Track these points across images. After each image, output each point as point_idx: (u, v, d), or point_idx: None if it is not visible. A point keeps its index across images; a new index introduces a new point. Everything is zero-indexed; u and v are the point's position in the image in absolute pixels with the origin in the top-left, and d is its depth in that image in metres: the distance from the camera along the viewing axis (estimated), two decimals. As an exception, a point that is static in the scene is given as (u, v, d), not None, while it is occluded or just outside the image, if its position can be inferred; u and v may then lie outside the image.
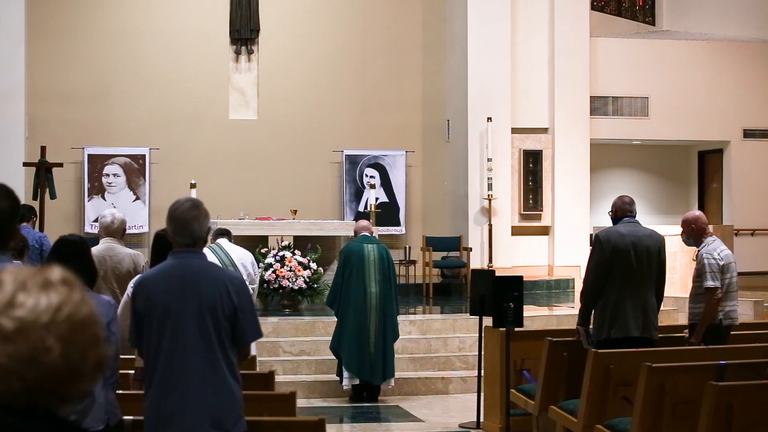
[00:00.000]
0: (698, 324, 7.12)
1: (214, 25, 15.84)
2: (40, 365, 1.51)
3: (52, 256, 4.63)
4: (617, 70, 16.43)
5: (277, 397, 5.29)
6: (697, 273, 7.27)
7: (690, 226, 7.42)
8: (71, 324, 1.55)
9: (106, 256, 6.91)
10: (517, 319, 7.76)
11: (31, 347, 1.51)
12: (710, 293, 7.11)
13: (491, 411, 8.15)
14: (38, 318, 1.53)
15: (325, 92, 16.05)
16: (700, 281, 7.23)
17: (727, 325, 7.25)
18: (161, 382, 4.16)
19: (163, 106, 15.67)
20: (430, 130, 16.20)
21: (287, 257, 11.59)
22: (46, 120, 15.09)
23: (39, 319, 1.53)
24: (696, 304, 7.25)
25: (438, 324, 11.23)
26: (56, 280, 1.58)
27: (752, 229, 16.96)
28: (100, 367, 1.59)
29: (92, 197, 15.21)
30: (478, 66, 15.09)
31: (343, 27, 16.20)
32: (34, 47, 14.76)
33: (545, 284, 14.94)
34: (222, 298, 4.16)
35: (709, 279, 7.13)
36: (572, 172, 15.62)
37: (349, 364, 9.29)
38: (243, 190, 15.37)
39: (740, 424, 5.00)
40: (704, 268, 7.17)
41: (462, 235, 15.13)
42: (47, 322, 1.53)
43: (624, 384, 6.14)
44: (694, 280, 7.35)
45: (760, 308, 12.54)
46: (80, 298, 1.58)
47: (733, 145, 17.15)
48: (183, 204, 4.29)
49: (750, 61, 17.10)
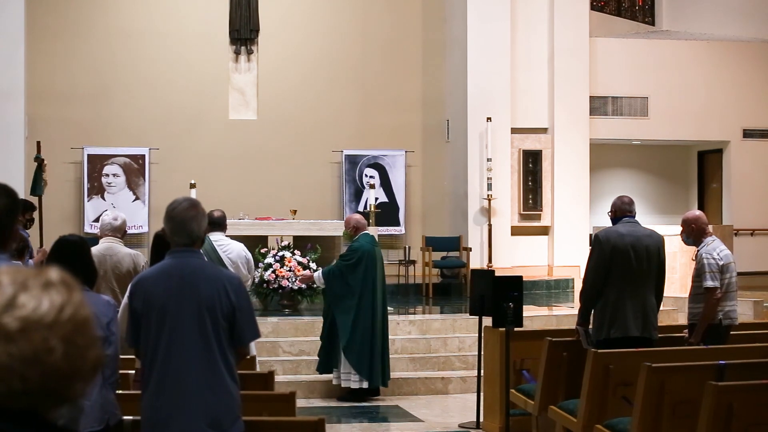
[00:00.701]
0: (698, 324, 7.12)
1: (213, 25, 15.84)
2: (42, 365, 1.51)
3: (52, 256, 4.62)
4: (617, 70, 16.43)
5: (276, 397, 5.29)
6: (696, 273, 7.27)
7: (690, 226, 7.41)
8: (74, 324, 1.55)
9: (106, 255, 6.91)
10: (516, 319, 7.76)
11: (34, 347, 1.51)
12: (710, 293, 7.12)
13: (491, 411, 8.15)
14: (42, 318, 1.53)
15: (324, 92, 16.05)
16: (699, 281, 7.23)
17: (726, 324, 7.25)
18: (159, 382, 4.15)
19: (163, 106, 15.67)
20: (429, 130, 16.20)
21: (287, 257, 11.58)
22: (45, 120, 15.09)
23: (43, 320, 1.53)
24: (696, 304, 7.25)
25: (438, 324, 11.23)
26: (56, 280, 1.58)
27: (752, 229, 16.96)
28: (97, 368, 1.59)
29: (92, 197, 15.21)
30: (478, 66, 15.09)
31: (343, 27, 16.20)
32: (34, 47, 14.76)
33: (545, 284, 14.93)
34: (220, 297, 4.15)
35: (708, 279, 7.13)
36: (572, 172, 15.62)
37: (360, 366, 9.24)
38: (243, 190, 15.37)
39: (740, 424, 5.00)
40: (704, 268, 7.17)
41: (462, 235, 15.13)
42: (51, 323, 1.53)
43: (624, 384, 6.14)
44: (694, 280, 7.35)
45: (759, 308, 12.54)
46: (80, 298, 1.59)
47: (733, 145, 17.15)
48: (180, 204, 4.28)
49: (750, 61, 17.10)
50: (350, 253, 9.40)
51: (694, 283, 7.33)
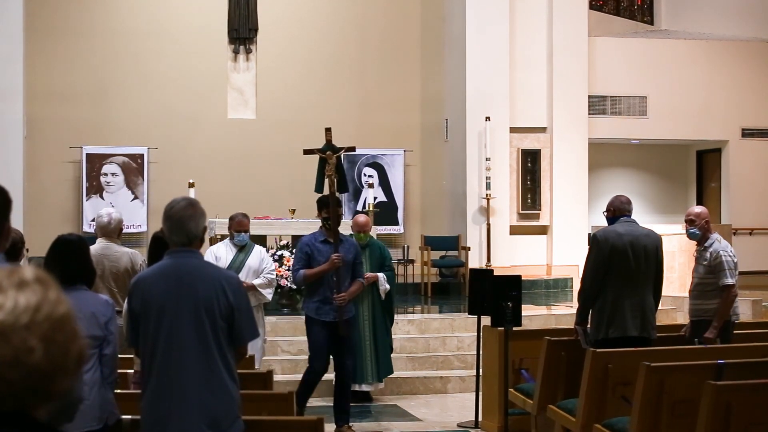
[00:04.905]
0: (714, 320, 7.13)
1: (212, 25, 15.83)
2: (24, 366, 1.50)
3: (50, 255, 4.62)
4: (615, 69, 16.43)
5: (275, 396, 5.28)
6: (709, 269, 7.24)
7: (703, 220, 7.43)
8: (51, 323, 1.53)
9: (103, 255, 6.91)
10: (515, 319, 7.75)
11: (13, 349, 1.49)
12: (728, 290, 7.16)
13: (490, 410, 8.15)
14: (18, 319, 1.51)
15: (323, 92, 16.04)
16: (710, 278, 7.22)
17: (734, 321, 7.32)
18: (158, 382, 4.15)
19: (162, 105, 15.67)
20: (428, 129, 16.20)
21: (286, 256, 11.58)
22: (44, 119, 15.09)
23: (19, 321, 1.51)
24: (704, 301, 7.23)
25: (436, 323, 11.23)
26: (31, 279, 1.56)
27: (750, 229, 16.97)
28: (81, 362, 1.58)
29: (90, 196, 15.20)
30: (477, 65, 15.08)
31: (342, 26, 16.20)
32: (33, 47, 14.75)
33: (543, 283, 14.93)
34: (218, 297, 4.14)
35: (728, 276, 7.17)
36: (571, 172, 15.62)
37: None
38: (241, 189, 15.37)
39: (739, 424, 5.00)
40: (722, 265, 7.18)
41: (460, 234, 15.12)
42: (27, 323, 1.51)
43: (622, 383, 6.14)
44: (701, 277, 7.31)
45: (758, 307, 12.56)
46: (56, 295, 1.57)
47: (732, 144, 17.16)
48: (178, 203, 4.28)
49: (748, 60, 17.11)
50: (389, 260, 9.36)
51: (699, 280, 7.32)
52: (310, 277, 7.82)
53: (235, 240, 8.35)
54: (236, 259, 8.27)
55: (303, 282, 7.93)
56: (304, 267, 7.86)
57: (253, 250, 8.40)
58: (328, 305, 7.83)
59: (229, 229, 8.43)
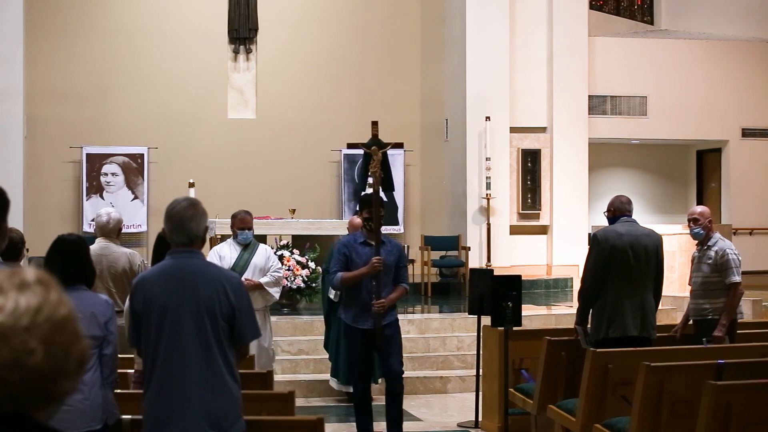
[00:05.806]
0: (722, 318, 7.16)
1: (212, 25, 15.84)
2: (24, 368, 1.50)
3: (50, 255, 4.62)
4: (616, 69, 16.44)
5: (275, 396, 5.28)
6: (715, 268, 7.27)
7: (706, 220, 7.48)
8: (52, 324, 1.53)
9: (101, 255, 6.91)
10: (515, 319, 7.75)
11: (13, 351, 1.49)
12: (735, 288, 7.22)
13: (490, 410, 8.15)
14: (18, 321, 1.50)
15: (323, 91, 16.05)
16: (715, 276, 7.25)
17: (737, 319, 7.38)
18: (159, 382, 4.15)
19: (162, 105, 15.67)
20: (428, 129, 16.20)
21: (286, 256, 11.58)
22: (44, 119, 15.09)
23: (19, 323, 1.50)
24: (709, 299, 7.24)
25: (436, 323, 11.23)
26: (32, 280, 1.55)
27: (750, 228, 16.97)
28: (82, 364, 1.57)
29: (90, 196, 15.20)
30: (477, 65, 15.08)
31: (342, 26, 16.20)
32: (33, 46, 14.75)
33: (543, 283, 14.93)
34: (219, 298, 4.15)
35: (735, 274, 7.23)
36: (571, 172, 15.62)
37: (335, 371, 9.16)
38: (241, 189, 15.37)
39: (739, 424, 5.00)
40: (728, 263, 7.23)
41: (460, 234, 15.12)
42: (28, 325, 1.51)
43: (622, 383, 6.13)
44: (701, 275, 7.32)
45: (758, 307, 12.55)
46: (57, 297, 1.56)
47: (732, 144, 17.16)
48: (180, 203, 4.28)
49: (748, 60, 17.11)
50: None
51: (704, 279, 7.32)
52: (347, 280, 7.24)
53: (238, 238, 8.10)
54: (241, 257, 8.04)
55: (340, 285, 7.38)
56: (342, 270, 7.29)
57: (258, 248, 8.17)
58: (366, 312, 7.24)
59: (232, 227, 8.20)
